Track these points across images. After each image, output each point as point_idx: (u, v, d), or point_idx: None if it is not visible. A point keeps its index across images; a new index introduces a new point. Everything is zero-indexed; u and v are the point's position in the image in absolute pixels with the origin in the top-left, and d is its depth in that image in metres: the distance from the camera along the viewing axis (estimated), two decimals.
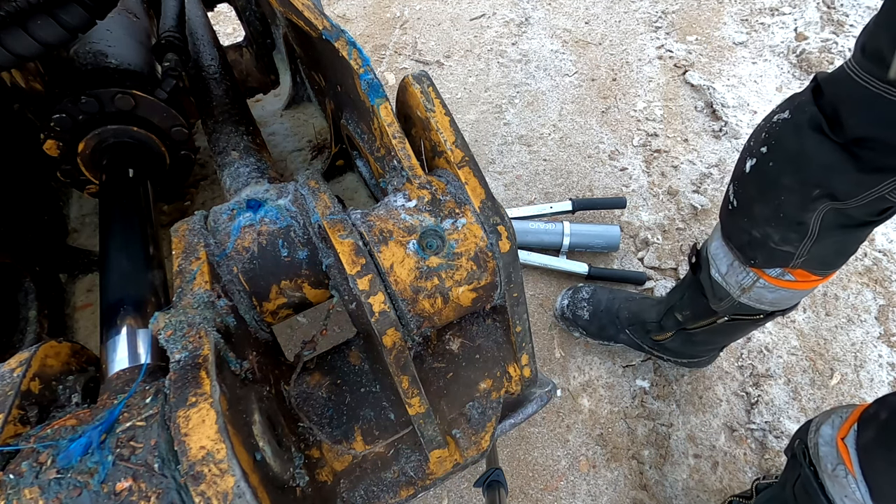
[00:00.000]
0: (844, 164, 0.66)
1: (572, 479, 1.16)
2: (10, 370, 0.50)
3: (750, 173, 0.78)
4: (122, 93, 0.93)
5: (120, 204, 0.84)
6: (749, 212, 0.80)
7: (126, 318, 0.63)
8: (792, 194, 0.73)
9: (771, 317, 0.93)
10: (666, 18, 2.06)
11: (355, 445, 0.60)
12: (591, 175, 1.66)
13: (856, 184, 0.67)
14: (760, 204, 0.78)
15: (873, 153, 0.64)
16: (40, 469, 0.40)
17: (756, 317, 0.94)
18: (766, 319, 0.95)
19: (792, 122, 0.72)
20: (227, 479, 0.38)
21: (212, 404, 0.41)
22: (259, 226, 0.59)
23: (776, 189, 0.74)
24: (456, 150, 0.61)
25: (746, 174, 0.78)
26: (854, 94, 0.63)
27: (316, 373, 0.64)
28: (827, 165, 0.68)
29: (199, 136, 1.28)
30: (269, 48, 1.29)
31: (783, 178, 0.73)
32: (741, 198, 0.81)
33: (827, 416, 0.83)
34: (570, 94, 1.87)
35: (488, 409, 0.64)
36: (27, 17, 0.64)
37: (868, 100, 0.61)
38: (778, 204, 0.75)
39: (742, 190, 0.81)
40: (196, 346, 0.46)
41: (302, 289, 0.61)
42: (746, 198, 0.80)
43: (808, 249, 0.76)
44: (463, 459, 0.61)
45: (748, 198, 0.80)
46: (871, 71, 0.61)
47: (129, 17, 1.11)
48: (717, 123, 1.74)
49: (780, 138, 0.73)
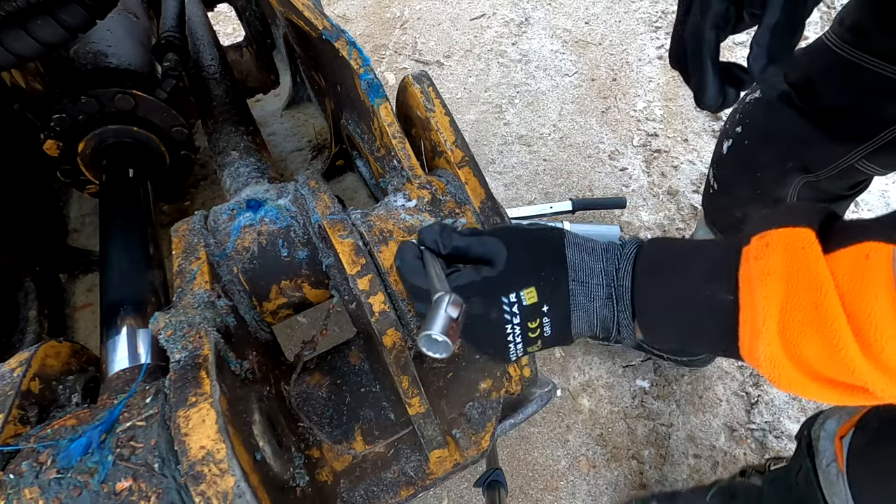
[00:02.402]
0: (815, 135, 0.69)
1: (572, 479, 1.16)
2: (10, 370, 0.50)
3: (727, 154, 0.80)
4: (122, 93, 0.93)
5: (120, 204, 0.84)
6: (729, 192, 0.82)
7: (126, 318, 0.63)
8: (767, 170, 0.75)
9: None
10: (666, 18, 2.06)
11: (355, 445, 0.60)
12: (591, 175, 1.66)
13: (827, 154, 0.70)
14: (740, 184, 0.80)
15: (846, 122, 0.67)
16: (40, 469, 0.40)
17: None
18: None
19: (763, 99, 0.74)
20: (227, 479, 0.38)
21: (212, 404, 0.41)
22: (259, 226, 0.59)
23: (753, 166, 0.76)
24: (456, 150, 0.61)
25: (724, 156, 0.81)
26: (833, 64, 0.66)
27: (316, 373, 0.64)
28: (798, 137, 0.71)
29: (199, 136, 1.27)
30: (269, 48, 1.29)
31: (758, 154, 0.75)
32: (721, 180, 0.83)
33: (836, 411, 0.82)
34: (570, 94, 1.87)
35: (488, 409, 0.64)
36: (27, 17, 0.64)
37: (846, 68, 0.65)
38: (756, 181, 0.77)
39: (721, 172, 0.83)
40: (196, 346, 0.47)
41: (302, 289, 0.61)
42: (726, 179, 0.82)
43: None
44: (463, 459, 0.61)
45: (727, 179, 0.82)
46: (849, 41, 0.65)
47: (129, 17, 1.11)
48: (717, 123, 1.74)
49: (753, 116, 0.76)
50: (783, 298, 0.34)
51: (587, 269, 0.46)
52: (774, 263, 0.34)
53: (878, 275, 0.31)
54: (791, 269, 0.34)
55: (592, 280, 0.46)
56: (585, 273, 0.46)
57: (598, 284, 0.46)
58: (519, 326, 0.44)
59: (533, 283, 0.44)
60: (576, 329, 0.46)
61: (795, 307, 0.34)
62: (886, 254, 0.31)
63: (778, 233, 0.36)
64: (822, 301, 0.32)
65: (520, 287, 0.44)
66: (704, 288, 0.40)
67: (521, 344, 0.45)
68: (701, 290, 0.40)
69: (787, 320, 0.34)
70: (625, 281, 0.45)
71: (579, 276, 0.46)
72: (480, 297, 0.44)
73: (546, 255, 0.46)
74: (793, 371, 0.35)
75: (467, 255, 0.47)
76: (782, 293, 0.34)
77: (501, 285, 0.44)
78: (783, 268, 0.34)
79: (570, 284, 0.45)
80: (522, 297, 0.44)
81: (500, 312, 0.44)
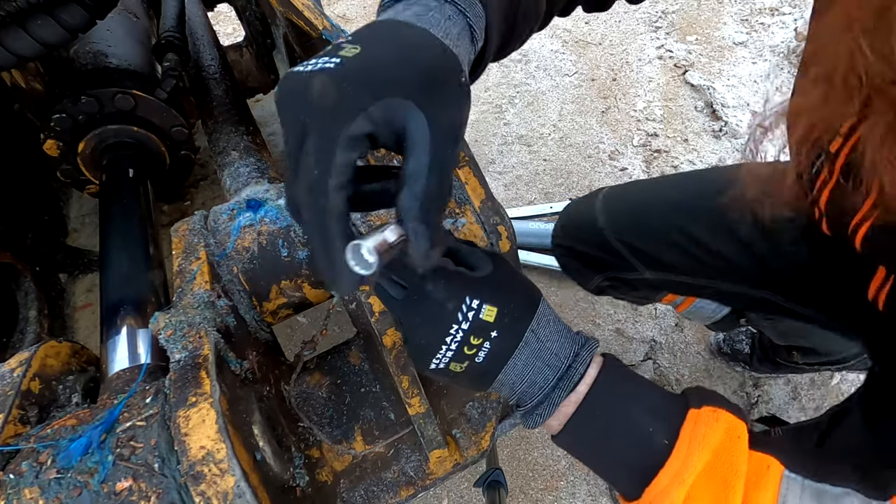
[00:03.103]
0: None
1: (572, 479, 1.16)
2: (10, 370, 0.50)
3: None
4: (122, 93, 0.93)
5: (120, 204, 0.84)
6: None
7: (126, 318, 0.63)
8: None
9: None
10: (666, 18, 2.06)
11: (355, 445, 0.60)
12: (591, 175, 1.66)
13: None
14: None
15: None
16: (40, 469, 0.40)
17: None
18: None
19: None
20: (227, 479, 0.38)
21: (212, 404, 0.41)
22: (259, 226, 0.59)
23: None
24: None
25: None
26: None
27: (316, 373, 0.64)
28: None
29: (199, 136, 1.28)
30: (269, 48, 1.29)
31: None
32: None
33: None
34: (570, 94, 1.87)
35: (488, 408, 0.64)
36: (27, 17, 0.64)
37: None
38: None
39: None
40: (196, 346, 0.47)
41: (302, 289, 0.61)
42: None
43: None
44: (463, 459, 0.61)
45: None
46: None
47: (129, 17, 1.11)
48: (717, 123, 1.74)
49: None
50: (705, 467, 0.41)
51: (550, 333, 0.45)
52: (715, 437, 0.42)
53: (771, 484, 0.42)
54: (723, 447, 0.42)
55: (548, 344, 0.44)
56: (546, 334, 0.45)
57: (552, 352, 0.44)
58: (463, 333, 0.42)
59: (498, 306, 0.42)
60: (503, 376, 0.44)
61: (712, 477, 0.42)
62: (778, 470, 0.42)
63: (726, 415, 0.43)
64: (733, 481, 0.41)
65: (484, 301, 0.42)
66: (646, 421, 0.44)
67: (451, 352, 0.42)
68: (642, 420, 0.44)
69: (699, 483, 0.42)
70: (581, 367, 0.45)
71: (540, 333, 0.44)
72: (448, 286, 0.42)
73: (522, 295, 0.45)
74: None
75: (455, 256, 0.46)
76: (708, 462, 0.41)
77: (471, 289, 0.42)
78: (719, 444, 0.42)
79: (527, 332, 0.43)
80: (483, 309, 0.42)
81: (456, 309, 0.42)
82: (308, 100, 0.31)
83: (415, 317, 0.43)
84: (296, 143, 0.32)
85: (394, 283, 0.43)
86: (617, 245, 0.86)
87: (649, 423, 0.44)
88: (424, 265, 0.36)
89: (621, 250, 0.86)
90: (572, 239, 0.94)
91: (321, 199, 0.32)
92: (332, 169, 0.31)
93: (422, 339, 0.43)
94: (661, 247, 0.83)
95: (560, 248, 0.96)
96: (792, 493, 0.42)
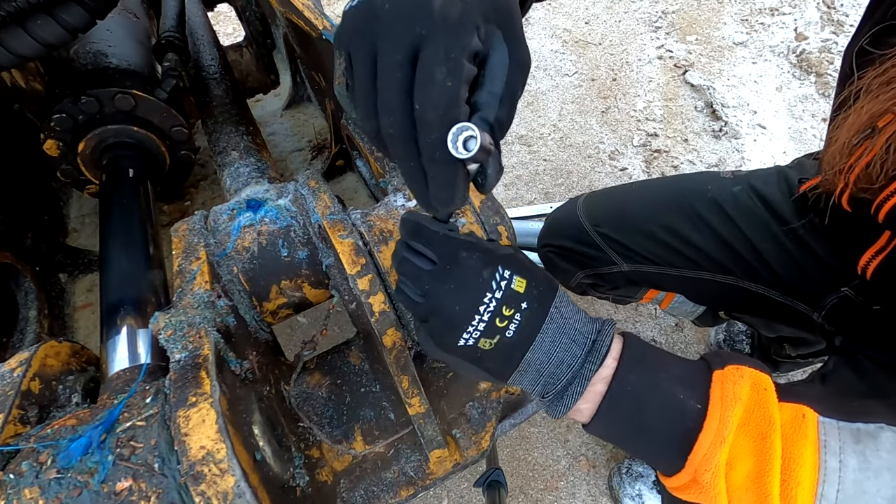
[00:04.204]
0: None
1: (572, 479, 1.16)
2: (10, 370, 0.50)
3: None
4: (122, 93, 0.93)
5: (120, 204, 0.84)
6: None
7: (126, 318, 0.63)
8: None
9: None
10: (666, 18, 2.06)
11: (355, 445, 0.60)
12: (591, 175, 1.66)
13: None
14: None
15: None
16: (40, 469, 0.40)
17: None
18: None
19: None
20: (227, 478, 0.38)
21: (212, 404, 0.41)
22: (259, 226, 0.59)
23: None
24: None
25: None
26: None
27: (316, 373, 0.64)
28: None
29: (199, 136, 1.27)
30: (269, 48, 1.29)
31: None
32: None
33: None
34: (570, 94, 1.87)
35: (488, 408, 0.64)
36: (27, 17, 0.64)
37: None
38: None
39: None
40: (196, 346, 0.46)
41: (302, 289, 0.61)
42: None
43: None
44: (463, 459, 0.61)
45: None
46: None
47: (129, 17, 1.11)
48: (717, 123, 1.74)
49: None
50: (740, 423, 0.42)
51: (571, 311, 0.45)
52: (744, 392, 0.42)
53: (811, 432, 0.42)
54: (753, 401, 0.42)
55: (572, 321, 0.44)
56: (568, 312, 0.44)
57: (576, 329, 0.44)
58: (496, 302, 0.41)
59: (526, 279, 0.43)
60: (531, 355, 0.43)
61: (748, 432, 0.42)
62: (814, 418, 0.43)
63: (749, 370, 0.44)
64: (769, 434, 0.41)
65: (514, 272, 0.42)
66: (676, 389, 0.44)
67: (484, 324, 0.41)
68: (673, 388, 0.44)
69: (738, 441, 0.42)
70: (606, 340, 0.44)
71: (563, 309, 0.44)
72: (482, 255, 0.42)
73: (542, 273, 0.45)
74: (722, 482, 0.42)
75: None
76: (741, 418, 0.42)
77: (503, 259, 0.42)
78: (748, 398, 0.42)
79: (552, 308, 0.43)
80: (514, 279, 0.42)
81: (490, 276, 0.41)
82: (430, 12, 0.32)
83: (447, 284, 0.41)
84: (405, 57, 0.32)
85: (421, 256, 0.43)
86: (595, 237, 0.89)
87: (679, 390, 0.43)
88: (493, 185, 0.38)
89: (599, 242, 0.89)
90: (553, 235, 0.97)
91: (454, 110, 0.32)
92: (463, 77, 0.32)
93: (456, 305, 0.41)
94: (638, 238, 0.86)
95: (543, 247, 1.00)
96: (832, 437, 0.42)
